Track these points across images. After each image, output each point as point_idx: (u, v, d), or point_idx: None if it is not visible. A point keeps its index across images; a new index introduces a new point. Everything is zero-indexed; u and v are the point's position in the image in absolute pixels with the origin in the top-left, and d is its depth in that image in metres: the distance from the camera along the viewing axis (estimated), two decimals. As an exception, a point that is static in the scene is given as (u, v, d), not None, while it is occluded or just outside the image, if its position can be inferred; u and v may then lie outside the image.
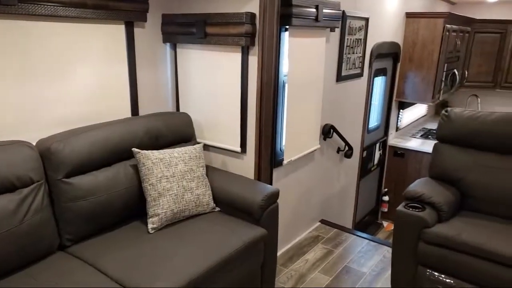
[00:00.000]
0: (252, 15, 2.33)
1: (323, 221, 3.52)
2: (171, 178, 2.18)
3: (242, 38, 2.33)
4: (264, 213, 2.23)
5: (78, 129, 2.11)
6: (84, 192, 1.99)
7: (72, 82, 2.21)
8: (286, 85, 2.70)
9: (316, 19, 2.67)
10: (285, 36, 2.62)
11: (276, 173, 2.80)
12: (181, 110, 2.81)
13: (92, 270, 1.80)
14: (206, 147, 2.75)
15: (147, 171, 2.14)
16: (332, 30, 3.03)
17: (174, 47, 2.74)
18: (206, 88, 2.65)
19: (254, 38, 2.38)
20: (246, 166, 2.59)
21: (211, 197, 2.33)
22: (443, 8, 5.53)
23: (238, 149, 2.58)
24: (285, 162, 2.79)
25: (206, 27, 2.46)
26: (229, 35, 2.38)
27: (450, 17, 4.35)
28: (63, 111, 2.20)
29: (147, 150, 2.30)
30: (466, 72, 5.51)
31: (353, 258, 2.98)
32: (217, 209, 2.37)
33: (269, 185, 2.37)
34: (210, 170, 2.52)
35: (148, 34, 2.58)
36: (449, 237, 2.27)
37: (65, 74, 2.17)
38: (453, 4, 5.88)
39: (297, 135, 2.87)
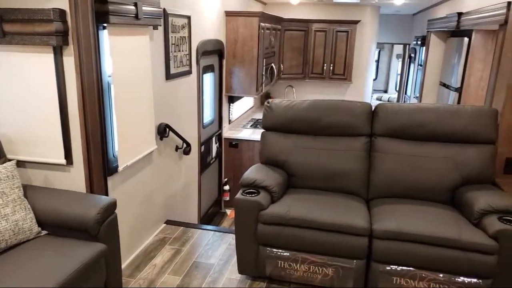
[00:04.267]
0: (62, 12, 2.09)
1: (168, 222, 3.48)
2: (-24, 207, 1.80)
3: (52, 37, 2.08)
4: (102, 227, 2.07)
5: None
6: None
7: None
8: (112, 86, 2.54)
9: (137, 17, 2.57)
10: (105, 34, 2.45)
11: (112, 181, 2.62)
12: (-18, 123, 2.34)
13: None
14: (22, 163, 2.37)
15: None
16: (155, 28, 2.98)
17: (-39, 48, 2.25)
18: (13, 96, 2.27)
19: (67, 37, 2.15)
20: (74, 179, 2.35)
21: (34, 221, 2.03)
22: (257, 7, 6.07)
23: (63, 161, 2.31)
24: (120, 168, 2.64)
25: (4, 24, 2.10)
26: (35, 34, 2.10)
27: (263, 16, 4.81)
28: None
29: None
30: (282, 66, 6.20)
31: (201, 252, 3.05)
32: (44, 232, 2.08)
33: (104, 196, 2.21)
34: (30, 190, 2.18)
35: None
36: (281, 215, 2.54)
37: None
38: (265, 4, 6.51)
39: (131, 138, 2.74)
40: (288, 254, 2.57)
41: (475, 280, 2.32)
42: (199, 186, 4.17)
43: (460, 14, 4.45)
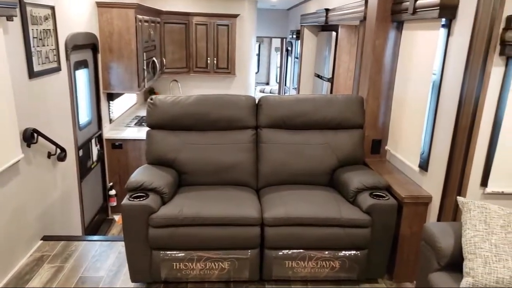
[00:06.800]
0: None
1: (46, 238, 3.10)
2: None
3: None
4: (-45, 258, 1.73)
5: None
6: None
7: None
8: (-43, 88, 2.13)
9: (-18, 6, 2.19)
10: None
11: (-34, 200, 2.22)
12: None
13: None
14: None
15: None
16: (10, 19, 2.57)
17: None
18: None
19: None
20: None
21: None
22: (132, -2, 5.73)
23: None
24: (-24, 184, 2.24)
25: None
26: None
27: (140, 8, 4.56)
28: None
29: None
30: (164, 60, 6.00)
31: (87, 266, 2.79)
32: None
33: (-45, 220, 1.85)
34: None
35: None
36: (173, 216, 2.46)
37: None
38: (141, -5, 6.19)
39: (-13, 148, 2.34)
40: (183, 254, 2.51)
41: (354, 252, 2.59)
42: (80, 193, 3.81)
43: (327, 10, 4.85)
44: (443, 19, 2.46)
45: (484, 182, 2.24)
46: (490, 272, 1.75)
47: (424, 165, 2.68)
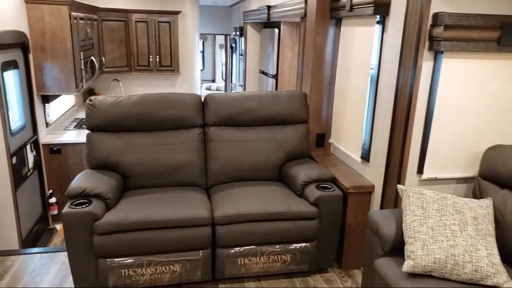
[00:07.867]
0: None
1: (-23, 255, 2.86)
2: None
3: None
4: None
5: None
6: None
7: None
8: None
9: None
10: None
11: None
12: None
13: None
14: None
15: None
16: None
17: None
18: None
19: None
20: None
21: None
22: (65, -6, 5.39)
23: None
24: None
25: None
26: None
27: (74, 5, 4.31)
28: None
29: None
30: (103, 59, 5.74)
31: (26, 280, 2.60)
32: None
33: None
34: None
35: None
36: (119, 221, 2.37)
37: None
38: (75, -9, 5.85)
39: None
40: (131, 260, 2.43)
41: (304, 244, 2.65)
42: (15, 204, 3.53)
43: (269, 7, 4.90)
44: (378, 16, 2.58)
45: (420, 170, 2.39)
46: (428, 254, 1.87)
47: (366, 156, 2.80)
